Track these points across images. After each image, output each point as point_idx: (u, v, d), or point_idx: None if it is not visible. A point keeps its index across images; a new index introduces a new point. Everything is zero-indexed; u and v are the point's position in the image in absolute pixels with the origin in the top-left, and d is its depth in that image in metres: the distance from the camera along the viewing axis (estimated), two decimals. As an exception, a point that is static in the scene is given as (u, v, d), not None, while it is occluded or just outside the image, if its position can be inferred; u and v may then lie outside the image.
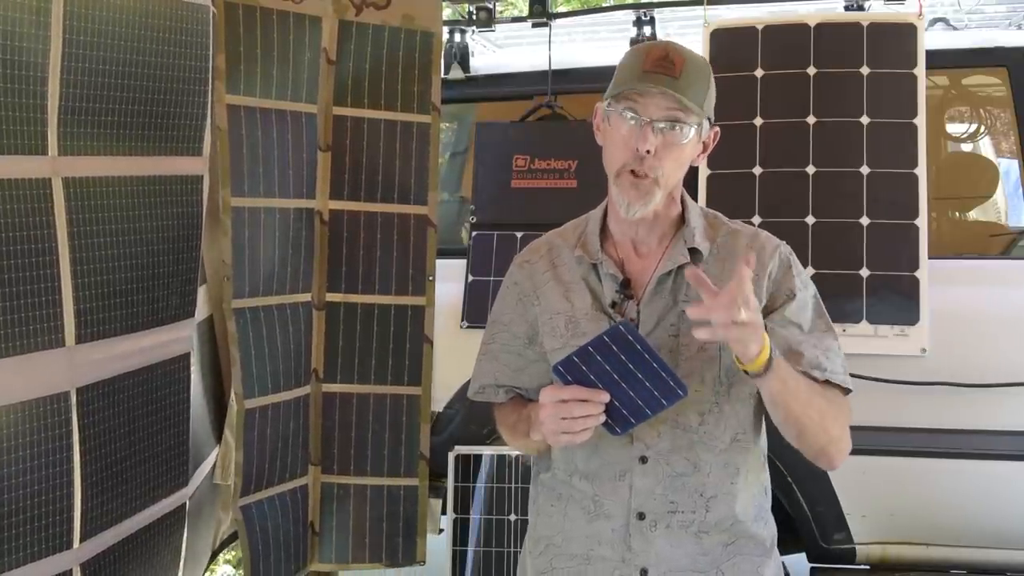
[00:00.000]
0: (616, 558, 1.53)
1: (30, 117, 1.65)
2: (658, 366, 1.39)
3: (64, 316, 1.74)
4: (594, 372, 1.40)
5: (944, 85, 3.14)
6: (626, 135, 1.48)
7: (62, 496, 1.75)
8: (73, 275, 1.76)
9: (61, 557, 1.76)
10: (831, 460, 1.55)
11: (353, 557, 2.66)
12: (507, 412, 1.67)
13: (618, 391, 1.40)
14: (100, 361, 1.85)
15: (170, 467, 2.10)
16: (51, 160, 1.71)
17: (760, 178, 2.70)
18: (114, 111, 1.85)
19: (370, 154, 2.57)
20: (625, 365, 1.39)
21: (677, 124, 1.46)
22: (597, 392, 1.40)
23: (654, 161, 1.46)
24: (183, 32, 1.99)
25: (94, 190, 1.81)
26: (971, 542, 2.64)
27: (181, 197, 2.06)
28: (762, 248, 1.57)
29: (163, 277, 2.02)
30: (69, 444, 1.76)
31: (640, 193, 1.48)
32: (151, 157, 1.97)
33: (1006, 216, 3.25)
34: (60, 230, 1.73)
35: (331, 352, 2.58)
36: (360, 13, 2.51)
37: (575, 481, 1.57)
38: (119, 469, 1.92)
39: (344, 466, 2.62)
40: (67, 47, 1.70)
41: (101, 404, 1.85)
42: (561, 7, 7.27)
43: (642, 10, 3.04)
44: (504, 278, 1.70)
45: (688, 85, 1.45)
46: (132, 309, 1.93)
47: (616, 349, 1.38)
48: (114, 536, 1.92)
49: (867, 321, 2.56)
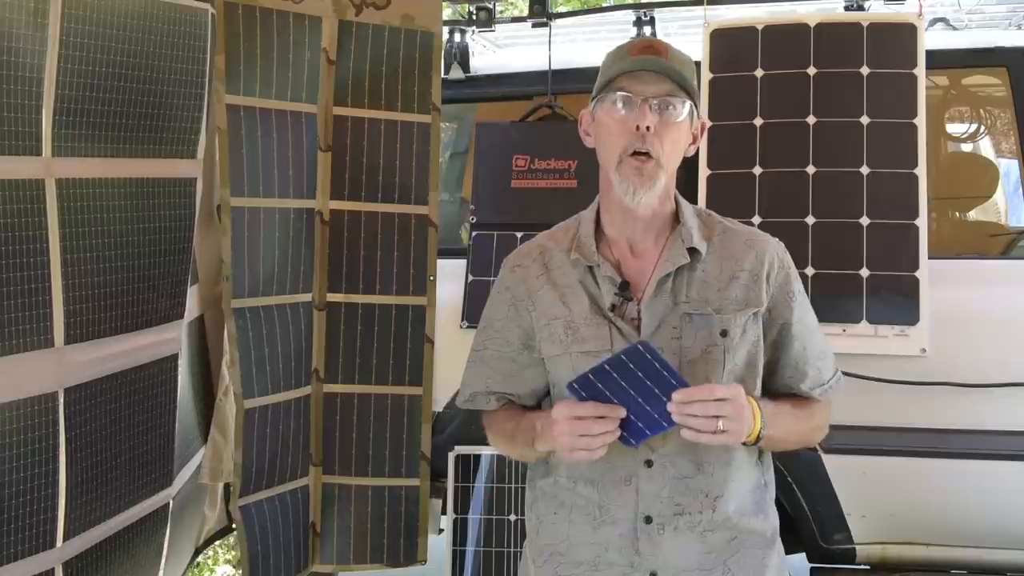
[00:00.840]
0: (625, 563, 1.53)
1: (25, 118, 1.66)
2: (676, 382, 1.39)
3: (53, 317, 1.74)
4: (609, 388, 1.40)
5: (944, 85, 3.14)
6: (621, 119, 1.48)
7: (46, 496, 1.75)
8: (63, 276, 1.76)
9: (44, 556, 1.76)
10: (811, 446, 1.70)
11: (354, 558, 2.65)
12: (501, 420, 1.66)
13: (634, 405, 1.40)
14: (88, 362, 1.86)
15: (155, 467, 2.10)
16: (45, 161, 1.71)
17: (760, 178, 2.70)
18: (109, 113, 1.85)
19: (371, 154, 2.57)
20: (642, 381, 1.38)
21: (671, 103, 1.47)
22: (614, 408, 1.40)
23: (654, 138, 1.47)
24: (179, 36, 1.99)
25: (87, 192, 1.82)
26: (971, 542, 2.64)
27: (174, 200, 2.06)
28: (759, 248, 1.58)
29: (153, 279, 2.03)
30: (55, 444, 1.77)
31: (644, 178, 1.48)
32: (145, 159, 1.97)
33: (1006, 216, 3.26)
34: (52, 231, 1.73)
35: (332, 352, 2.58)
36: (360, 13, 2.51)
37: (579, 487, 1.56)
38: (104, 469, 1.92)
39: (345, 467, 2.62)
40: (64, 49, 1.70)
41: (88, 404, 1.85)
42: (561, 7, 7.26)
43: (642, 10, 3.04)
44: (495, 282, 1.68)
45: (676, 66, 1.47)
46: (121, 311, 1.94)
47: (633, 367, 1.37)
48: (97, 535, 1.93)
49: (867, 321, 2.56)
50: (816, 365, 1.58)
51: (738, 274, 1.54)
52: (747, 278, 1.54)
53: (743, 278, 1.54)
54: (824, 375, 1.59)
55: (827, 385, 1.59)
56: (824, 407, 1.61)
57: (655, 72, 1.46)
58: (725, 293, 1.53)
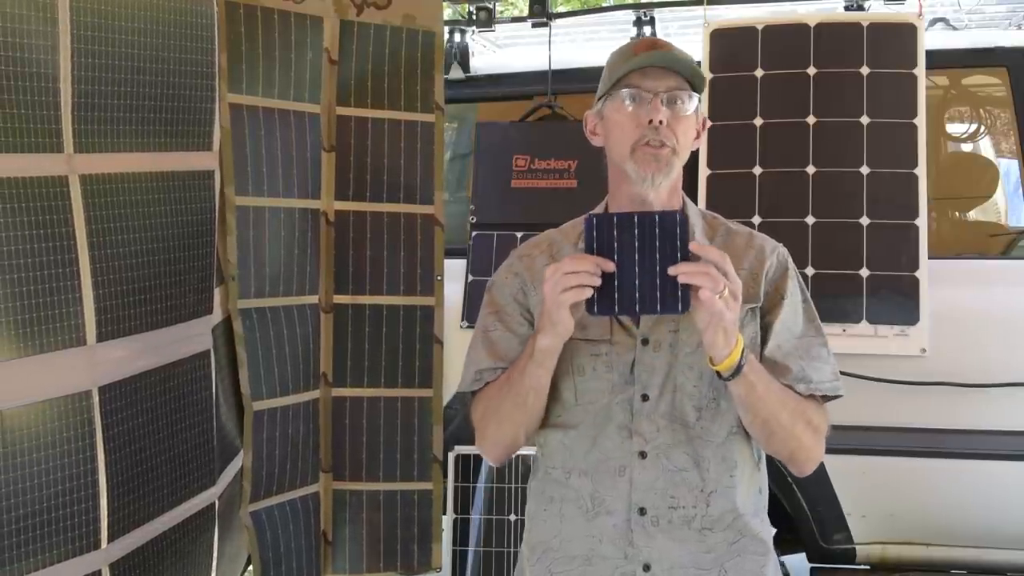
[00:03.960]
0: (618, 555, 1.52)
1: (44, 115, 1.65)
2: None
3: (84, 314, 1.74)
4: (619, 241, 1.36)
5: (944, 85, 3.14)
6: (632, 114, 1.49)
7: (88, 496, 1.74)
8: (92, 273, 1.75)
9: (90, 557, 1.75)
10: (800, 467, 1.57)
11: (367, 566, 2.59)
12: (495, 381, 1.60)
13: (627, 274, 1.36)
14: (121, 359, 1.84)
15: (196, 466, 2.08)
16: (67, 157, 1.71)
17: (760, 178, 2.70)
18: (126, 107, 1.84)
19: (374, 154, 2.56)
20: (652, 253, 1.35)
21: (680, 96, 1.49)
22: (604, 261, 1.36)
23: (667, 131, 1.47)
24: (186, 27, 1.99)
25: (111, 187, 1.81)
26: (971, 542, 2.64)
27: (195, 192, 2.05)
28: (760, 247, 1.58)
29: (180, 273, 2.01)
30: (92, 443, 1.75)
31: (660, 164, 1.48)
32: (165, 153, 1.96)
33: (1006, 216, 3.26)
34: (79, 228, 1.73)
35: (339, 355, 2.55)
36: (361, 13, 2.51)
37: (572, 479, 1.56)
38: (144, 468, 1.90)
39: (356, 472, 2.57)
40: (76, 43, 1.70)
41: (123, 403, 1.84)
42: (561, 7, 7.27)
43: (642, 10, 3.05)
44: (501, 268, 1.68)
45: (683, 60, 1.48)
46: (151, 306, 1.92)
47: (657, 232, 1.35)
48: (142, 536, 1.91)
49: (867, 321, 2.56)
50: (799, 364, 1.55)
51: (738, 271, 1.55)
52: (746, 275, 1.54)
53: (743, 276, 1.54)
54: (810, 374, 1.54)
55: (814, 384, 1.54)
56: (817, 407, 1.56)
57: (663, 68, 1.47)
58: None
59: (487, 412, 1.61)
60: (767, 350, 1.54)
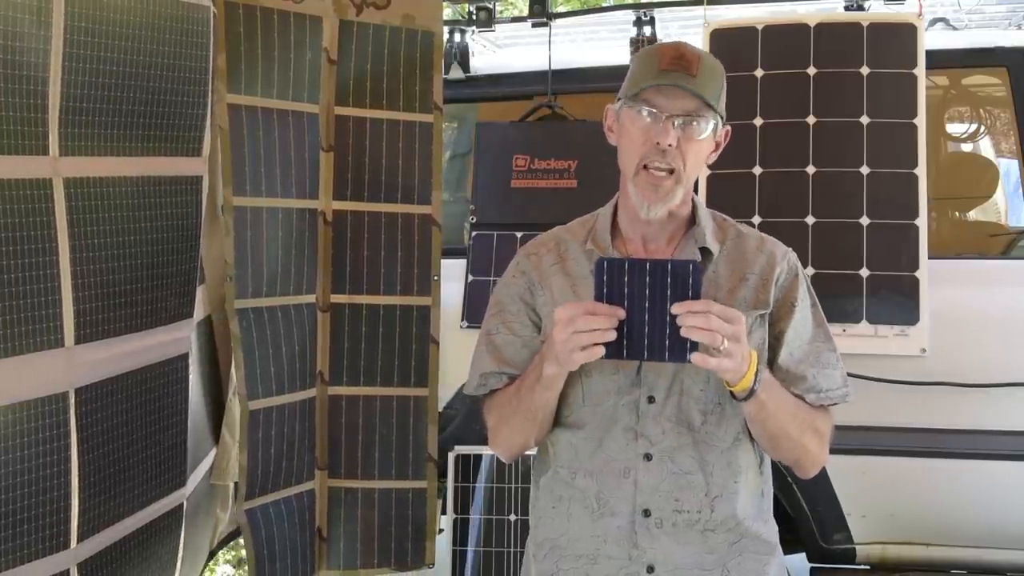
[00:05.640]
0: (623, 556, 1.53)
1: (31, 117, 1.65)
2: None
3: (64, 316, 1.74)
4: (630, 287, 1.36)
5: (944, 85, 3.14)
6: (644, 128, 1.48)
7: (59, 496, 1.74)
8: (73, 275, 1.76)
9: (59, 557, 1.75)
10: (804, 471, 1.59)
11: (362, 563, 2.62)
12: (505, 391, 1.61)
13: (637, 320, 1.36)
14: (99, 361, 1.85)
15: (168, 467, 2.09)
16: (52, 160, 1.71)
17: (760, 178, 2.70)
18: (115, 111, 1.85)
19: (373, 154, 2.56)
20: (664, 301, 1.35)
21: (695, 120, 1.47)
22: (614, 308, 1.36)
23: (676, 153, 1.47)
24: (183, 33, 1.99)
25: (95, 190, 1.81)
26: (971, 542, 2.64)
27: (181, 197, 2.05)
28: (771, 253, 1.58)
29: (163, 277, 2.02)
30: (67, 444, 1.76)
31: (660, 194, 1.49)
32: (151, 158, 1.97)
33: (1006, 216, 3.26)
34: (60, 231, 1.73)
35: (336, 354, 2.57)
36: (360, 13, 2.51)
37: (578, 480, 1.56)
38: (117, 469, 1.91)
39: (351, 470, 2.60)
40: (68, 47, 1.70)
41: (99, 404, 1.85)
42: (561, 7, 7.27)
43: (642, 10, 3.04)
44: (509, 268, 1.68)
45: (705, 83, 1.46)
46: (132, 309, 1.93)
47: (668, 281, 1.35)
48: (112, 536, 1.91)
49: (867, 321, 2.56)
50: (811, 372, 1.56)
51: (748, 276, 1.55)
52: (756, 281, 1.55)
53: (752, 280, 1.54)
54: (821, 383, 1.56)
55: (824, 394, 1.56)
56: (824, 414, 1.57)
57: (682, 89, 1.45)
58: (735, 294, 1.53)
59: (499, 421, 1.62)
60: (780, 359, 1.55)
